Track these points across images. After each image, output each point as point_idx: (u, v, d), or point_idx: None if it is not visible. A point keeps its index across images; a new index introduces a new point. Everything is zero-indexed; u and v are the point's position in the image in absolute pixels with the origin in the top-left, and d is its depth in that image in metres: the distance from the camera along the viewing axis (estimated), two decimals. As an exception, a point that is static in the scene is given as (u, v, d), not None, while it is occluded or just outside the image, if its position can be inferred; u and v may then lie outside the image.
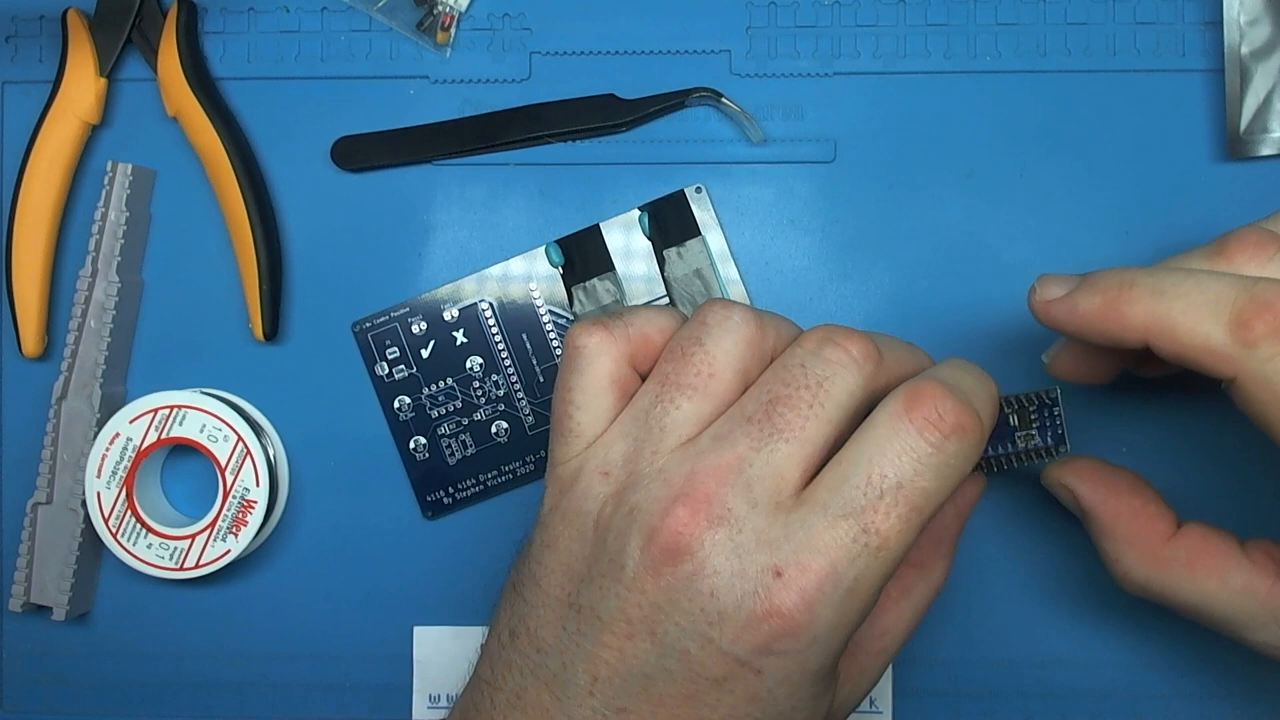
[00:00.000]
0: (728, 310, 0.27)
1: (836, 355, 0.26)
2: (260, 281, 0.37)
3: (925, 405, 0.25)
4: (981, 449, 0.26)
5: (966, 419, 0.25)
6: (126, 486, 0.36)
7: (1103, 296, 0.27)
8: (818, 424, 0.25)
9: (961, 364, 0.28)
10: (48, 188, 0.37)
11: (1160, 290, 0.26)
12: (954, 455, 0.25)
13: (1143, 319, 0.26)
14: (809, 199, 0.37)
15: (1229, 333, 0.25)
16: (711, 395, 0.26)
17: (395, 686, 0.38)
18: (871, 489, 0.25)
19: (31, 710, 0.39)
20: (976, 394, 0.26)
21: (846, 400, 0.26)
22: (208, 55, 0.38)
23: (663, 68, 0.37)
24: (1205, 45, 0.37)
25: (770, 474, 0.25)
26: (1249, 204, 0.37)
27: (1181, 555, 0.29)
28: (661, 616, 0.25)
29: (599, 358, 0.28)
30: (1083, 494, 0.30)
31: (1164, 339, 0.26)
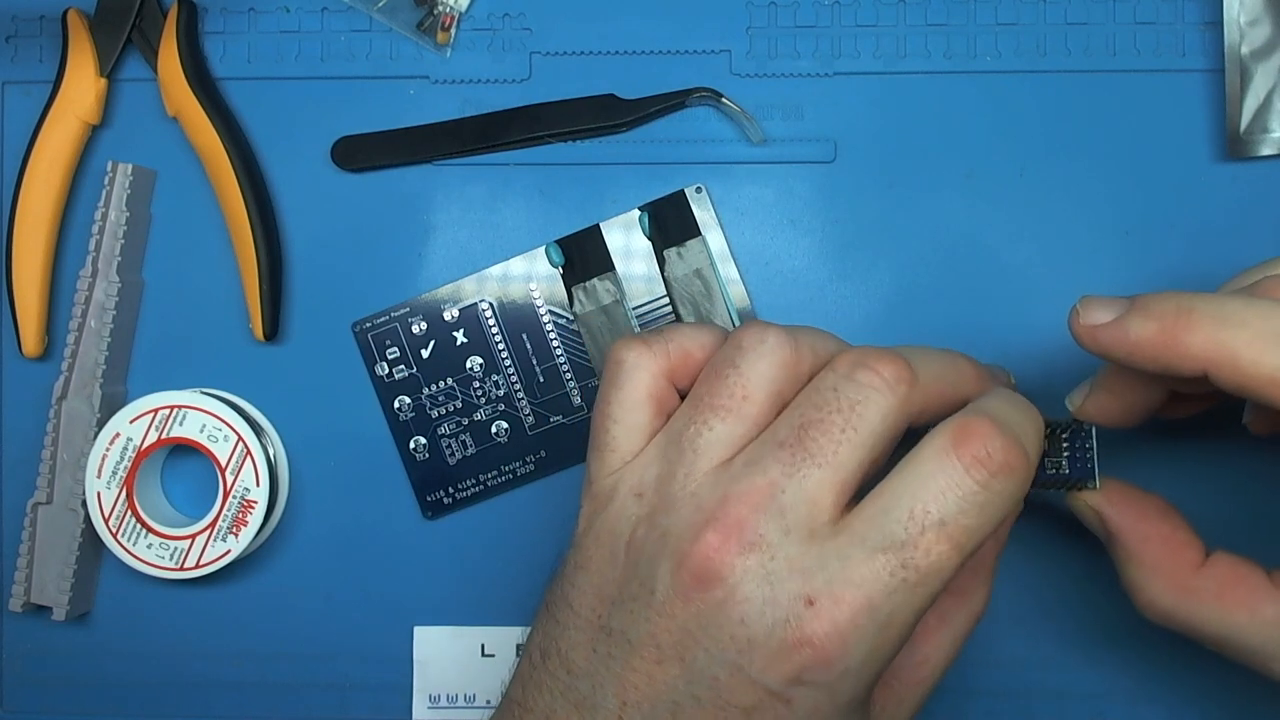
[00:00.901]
0: (763, 332, 0.27)
1: (868, 378, 0.26)
2: (260, 281, 0.37)
3: (975, 443, 0.24)
4: (1028, 485, 0.25)
5: (1015, 458, 0.25)
6: (126, 486, 0.36)
7: (1159, 323, 0.25)
8: (851, 448, 0.25)
9: (1009, 396, 0.27)
10: (48, 188, 0.37)
11: (1223, 318, 0.24)
12: (1000, 494, 0.24)
13: (1203, 348, 0.24)
14: (809, 199, 0.37)
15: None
16: (745, 418, 0.26)
17: (395, 686, 0.38)
18: (914, 524, 0.24)
19: (31, 710, 0.39)
20: (1024, 429, 0.26)
21: (880, 424, 0.25)
22: (208, 55, 0.38)
23: (663, 68, 0.37)
24: (1205, 45, 0.37)
25: (803, 500, 0.25)
26: (1249, 204, 0.37)
27: (1211, 586, 0.28)
28: (691, 643, 0.25)
29: (636, 372, 0.28)
30: (1110, 517, 0.29)
31: (1226, 369, 0.24)
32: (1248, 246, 0.37)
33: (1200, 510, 0.30)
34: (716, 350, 0.27)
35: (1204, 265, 0.37)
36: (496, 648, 0.38)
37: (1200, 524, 0.30)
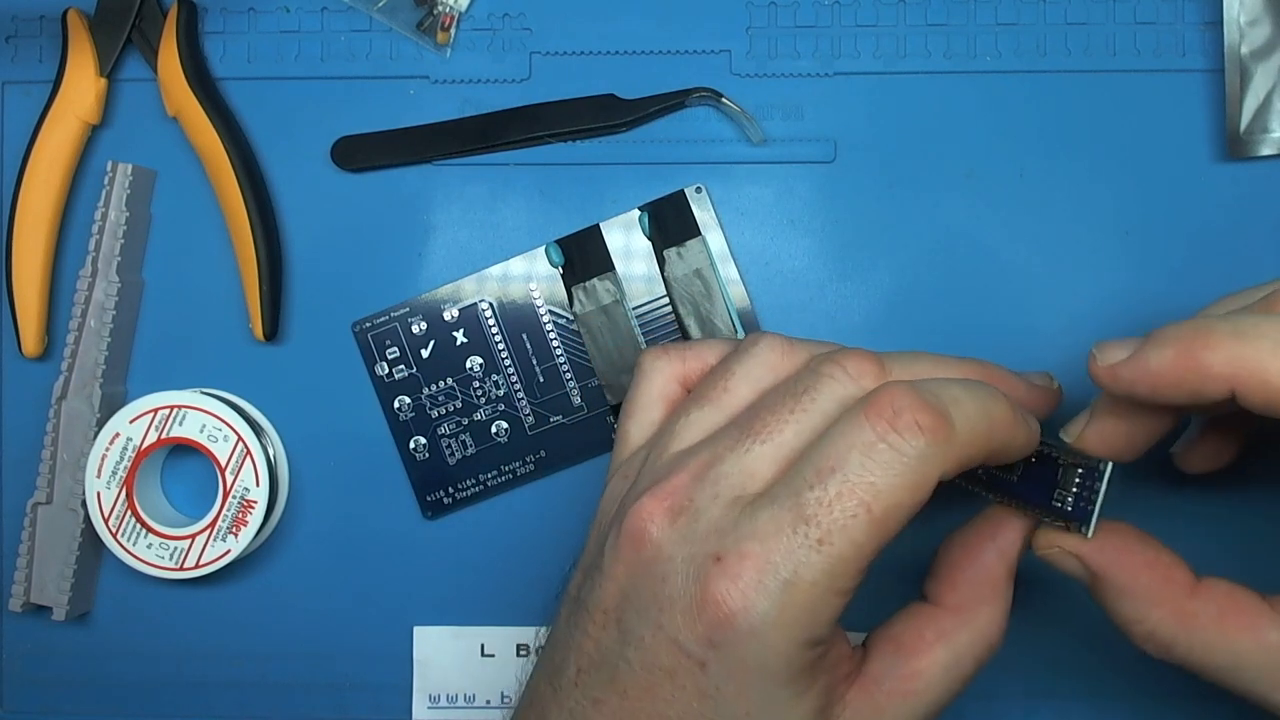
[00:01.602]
0: (758, 337, 0.28)
1: (830, 370, 0.26)
2: (260, 281, 0.37)
3: (882, 402, 0.24)
4: (952, 454, 0.24)
5: (926, 417, 0.24)
6: (126, 486, 0.36)
7: (1175, 348, 0.24)
8: (796, 428, 0.25)
9: (967, 380, 0.26)
10: (48, 188, 0.37)
11: (1241, 333, 0.24)
12: (909, 453, 0.24)
13: (1226, 365, 0.24)
14: (809, 199, 0.37)
15: None
16: (722, 408, 0.27)
17: (395, 686, 0.38)
18: (818, 479, 0.24)
19: (31, 710, 0.39)
20: (958, 401, 0.25)
21: (833, 409, 0.25)
22: (208, 55, 0.38)
23: (663, 68, 0.37)
24: (1205, 45, 0.37)
25: (739, 470, 0.25)
26: (1249, 204, 0.37)
27: (1210, 609, 0.26)
28: (626, 604, 0.25)
29: (653, 374, 0.29)
30: (1089, 555, 0.27)
31: (1253, 385, 0.23)
32: (1248, 246, 0.37)
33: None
34: None
35: (1204, 265, 0.37)
36: (496, 648, 0.38)
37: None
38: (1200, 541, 0.29)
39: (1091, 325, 0.37)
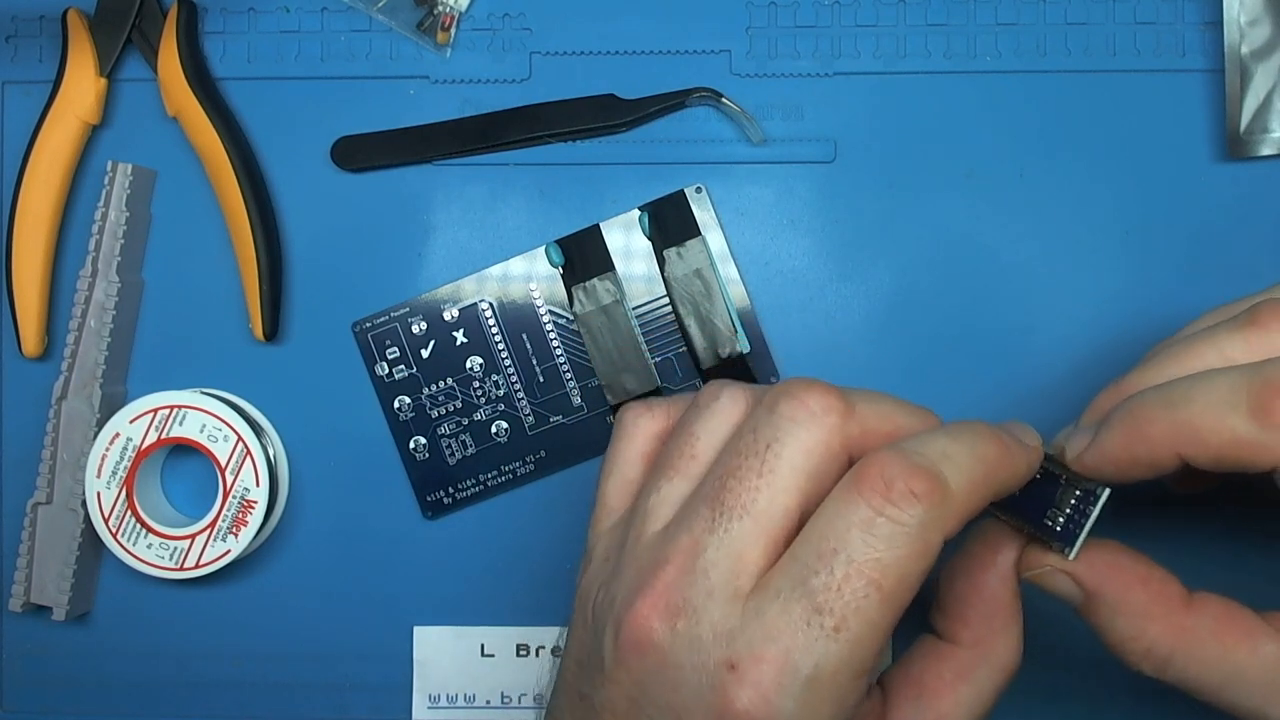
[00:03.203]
0: (716, 391, 0.27)
1: (790, 409, 0.25)
2: (260, 281, 0.37)
3: (872, 473, 0.23)
4: (952, 513, 0.24)
5: (919, 483, 0.23)
6: (126, 486, 0.36)
7: (1120, 428, 0.25)
8: (770, 493, 0.24)
9: (952, 428, 0.25)
10: (48, 188, 0.37)
11: (1171, 401, 0.24)
12: (908, 521, 0.23)
13: (1166, 434, 0.24)
14: (809, 199, 0.37)
15: (1253, 421, 0.23)
16: (691, 477, 0.26)
17: (395, 686, 0.38)
18: (822, 565, 0.23)
19: (31, 710, 0.39)
20: (950, 457, 0.24)
21: (803, 460, 0.24)
22: (208, 55, 0.38)
23: (663, 68, 0.37)
24: (1205, 45, 0.37)
25: (726, 557, 0.24)
26: (1249, 204, 0.37)
27: (1207, 623, 0.26)
28: (637, 710, 0.24)
29: (633, 432, 0.28)
30: (1082, 572, 0.26)
31: (1194, 446, 0.24)
32: (1248, 246, 0.37)
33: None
34: None
35: (1204, 265, 0.37)
36: (496, 648, 0.38)
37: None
38: (1186, 560, 0.29)
39: (1091, 325, 0.37)
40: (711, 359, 0.36)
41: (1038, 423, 0.37)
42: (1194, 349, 0.26)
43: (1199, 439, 0.24)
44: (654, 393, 0.37)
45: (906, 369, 0.37)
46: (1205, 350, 0.26)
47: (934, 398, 0.37)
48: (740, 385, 0.27)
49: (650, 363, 0.37)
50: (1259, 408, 0.23)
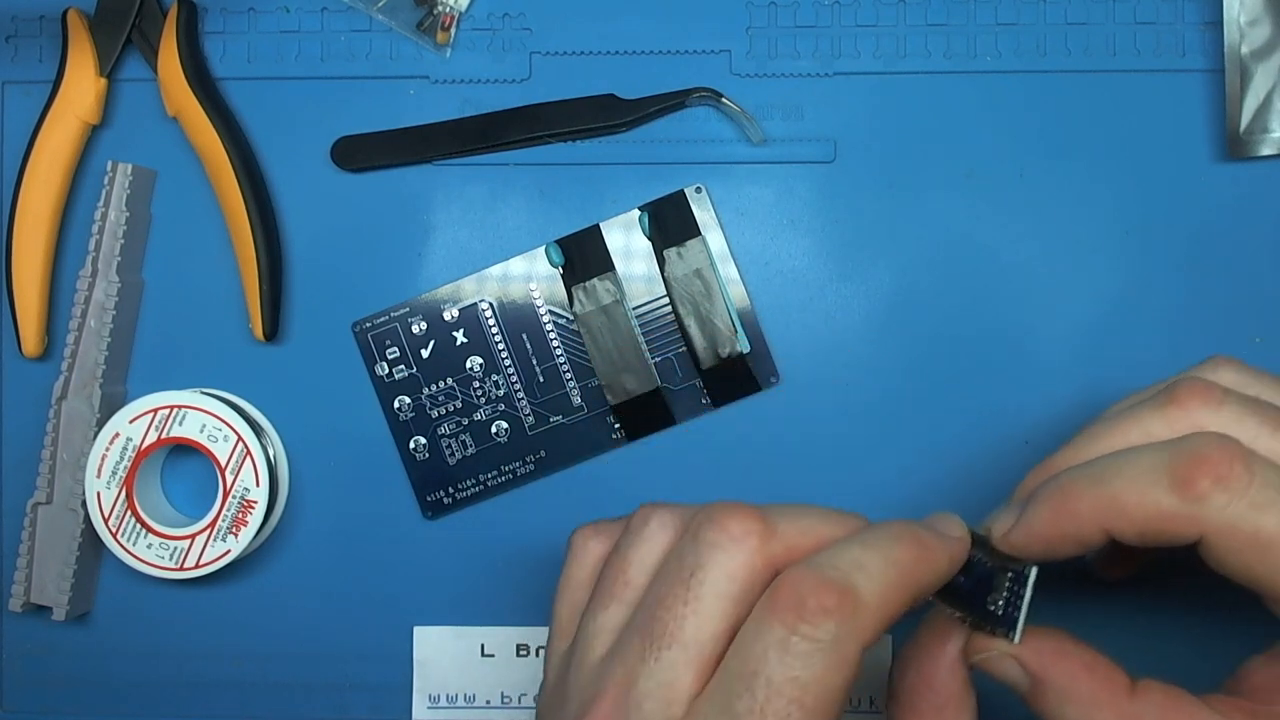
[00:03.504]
0: (648, 514, 0.27)
1: (711, 536, 0.25)
2: (260, 281, 0.37)
3: (785, 592, 0.24)
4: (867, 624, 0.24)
5: (830, 598, 0.23)
6: (126, 486, 0.36)
7: (1047, 505, 0.26)
8: (697, 620, 0.24)
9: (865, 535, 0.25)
10: (48, 188, 0.37)
11: (1096, 478, 0.25)
12: (822, 638, 0.23)
13: (1092, 510, 0.25)
14: (809, 199, 0.37)
15: (1175, 494, 0.24)
16: (627, 603, 0.26)
17: (395, 686, 0.38)
18: (744, 689, 0.23)
19: (31, 710, 0.39)
20: (863, 566, 0.24)
21: (726, 585, 0.25)
22: (208, 55, 0.38)
23: (663, 68, 0.37)
24: (1205, 45, 0.37)
25: (657, 686, 0.24)
26: (1249, 204, 0.37)
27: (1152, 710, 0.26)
28: None
29: (583, 555, 0.28)
30: (1029, 659, 0.27)
31: (1120, 521, 0.25)
32: (1248, 246, 0.37)
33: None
34: None
35: (1204, 265, 0.37)
36: (496, 648, 0.38)
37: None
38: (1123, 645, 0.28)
39: (1091, 325, 0.37)
40: (711, 359, 0.36)
41: (1037, 424, 0.37)
42: (1118, 428, 0.27)
43: (1124, 513, 0.25)
44: (654, 393, 0.37)
45: (906, 369, 0.37)
46: (1129, 429, 0.27)
47: (934, 398, 0.37)
48: (672, 509, 0.27)
49: (650, 363, 0.37)
50: (1181, 480, 0.24)
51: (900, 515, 0.37)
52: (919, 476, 0.37)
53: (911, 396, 0.37)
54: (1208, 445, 0.24)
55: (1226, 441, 0.24)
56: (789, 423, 0.37)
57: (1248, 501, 0.24)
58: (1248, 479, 0.24)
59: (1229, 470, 0.24)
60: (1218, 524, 0.24)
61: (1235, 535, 0.24)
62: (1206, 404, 0.26)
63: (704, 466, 0.37)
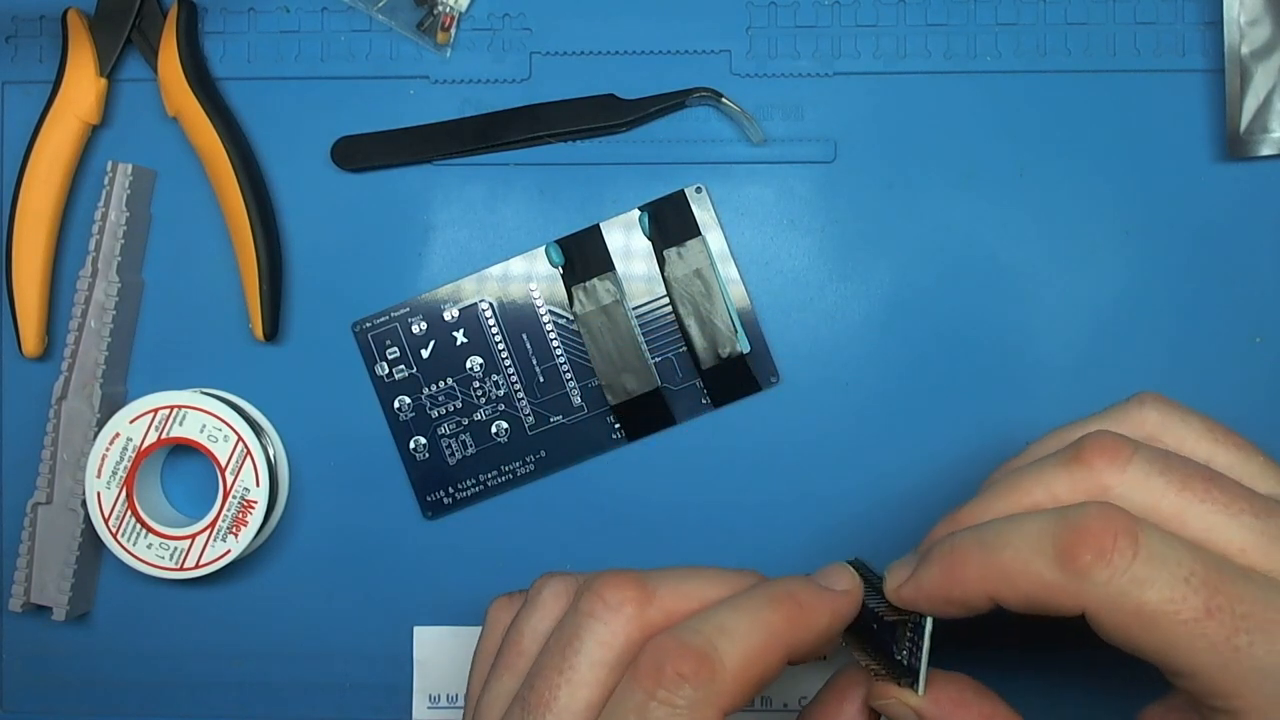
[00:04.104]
0: (543, 584, 0.28)
1: (588, 605, 0.25)
2: (260, 281, 0.37)
3: (645, 658, 0.24)
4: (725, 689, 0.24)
5: (687, 664, 0.24)
6: (126, 486, 0.36)
7: (938, 565, 0.26)
8: (570, 689, 0.25)
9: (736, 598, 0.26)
10: (48, 188, 0.37)
11: (985, 543, 0.25)
12: (679, 703, 0.24)
13: (979, 576, 0.25)
14: (809, 199, 0.37)
15: (1059, 568, 0.23)
16: (519, 673, 0.27)
17: (395, 686, 0.38)
18: None
19: (31, 710, 0.39)
20: (726, 630, 0.25)
21: (600, 654, 0.25)
22: (208, 55, 0.38)
23: (663, 68, 0.37)
24: (1205, 45, 0.37)
25: None
26: (1249, 204, 0.37)
27: None
28: None
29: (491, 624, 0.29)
30: (925, 709, 0.27)
31: (1005, 590, 0.24)
32: (1248, 246, 0.37)
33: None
34: None
35: (1204, 265, 0.37)
36: (496, 648, 0.38)
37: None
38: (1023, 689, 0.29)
39: (1091, 325, 0.37)
40: (711, 359, 0.36)
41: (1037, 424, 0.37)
42: (1023, 485, 0.26)
43: (1009, 582, 0.24)
44: (654, 393, 0.37)
45: (906, 369, 0.37)
46: (1033, 487, 0.26)
47: (934, 398, 0.37)
48: (565, 578, 0.27)
49: (650, 363, 0.37)
50: (1064, 553, 0.23)
51: (899, 514, 0.37)
52: (918, 476, 0.37)
53: (911, 396, 0.37)
54: (1091, 517, 0.23)
55: (1111, 512, 0.23)
56: (789, 423, 0.37)
57: (1129, 577, 0.23)
58: (1131, 553, 0.23)
59: (1112, 544, 0.23)
60: (1099, 599, 0.23)
61: (1117, 611, 0.23)
62: (1112, 463, 0.25)
63: (704, 466, 0.37)
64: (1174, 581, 0.23)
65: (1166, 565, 0.23)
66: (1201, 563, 0.23)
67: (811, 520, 0.37)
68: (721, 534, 0.37)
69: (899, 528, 0.37)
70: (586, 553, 0.38)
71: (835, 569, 0.28)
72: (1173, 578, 0.23)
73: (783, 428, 0.37)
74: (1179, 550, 0.23)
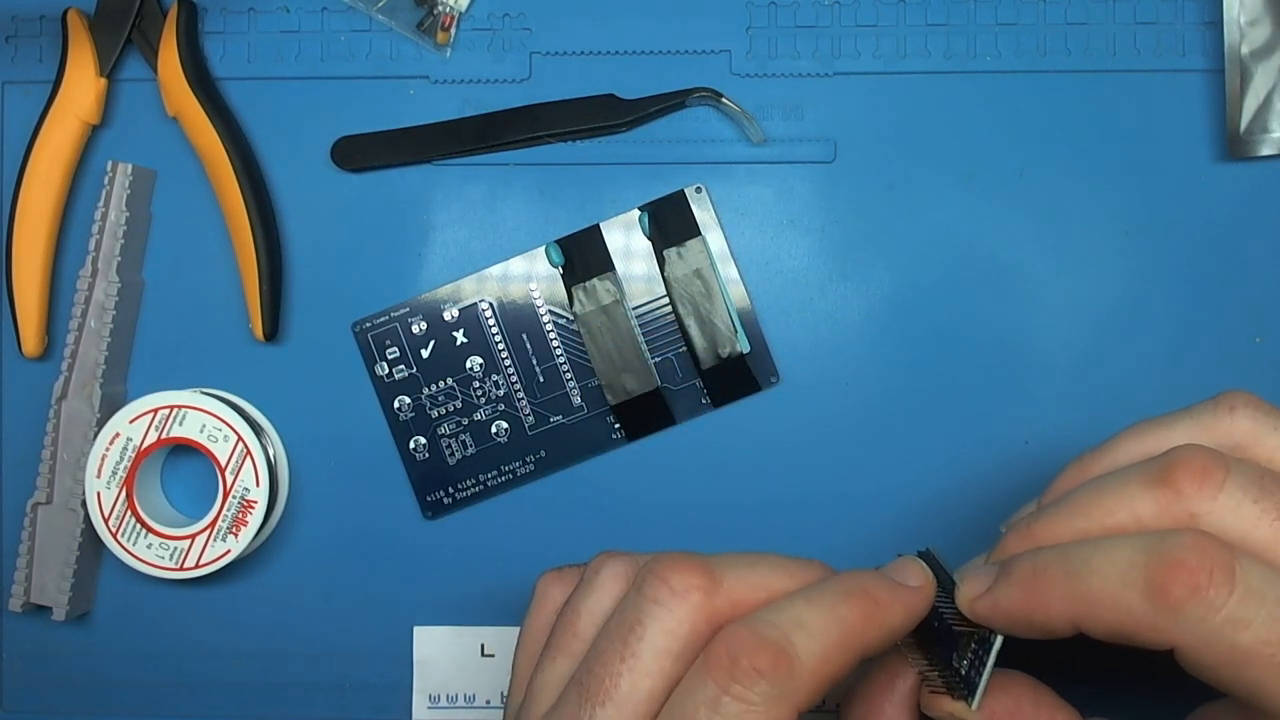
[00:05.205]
0: (600, 564, 0.27)
1: (654, 590, 0.24)
2: (260, 281, 0.37)
3: (719, 650, 0.23)
4: (801, 686, 0.23)
5: (764, 658, 0.23)
6: (126, 486, 0.36)
7: (1020, 587, 0.24)
8: (633, 678, 0.24)
9: (810, 590, 0.25)
10: (48, 188, 0.37)
11: (1072, 571, 0.23)
12: (754, 699, 0.23)
13: (1064, 605, 0.24)
14: (809, 199, 0.37)
15: (1150, 601, 0.22)
16: (574, 655, 0.26)
17: (395, 686, 0.38)
18: None
19: (31, 710, 0.39)
20: (803, 624, 0.24)
21: (665, 642, 0.24)
22: (208, 55, 0.38)
23: (663, 68, 0.37)
24: (1205, 45, 0.37)
25: None
26: (1249, 204, 0.37)
27: None
28: None
29: (540, 601, 0.28)
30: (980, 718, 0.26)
31: (1091, 622, 0.23)
32: (1248, 246, 0.37)
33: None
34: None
35: (1204, 265, 0.37)
36: (496, 648, 0.38)
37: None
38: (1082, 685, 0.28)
39: (1091, 325, 0.37)
40: (711, 359, 0.36)
41: (1037, 424, 0.37)
42: (1105, 503, 0.25)
43: (1094, 613, 0.23)
44: (654, 393, 0.37)
45: (906, 369, 0.37)
46: (1115, 507, 0.24)
47: (934, 398, 0.37)
48: (625, 558, 0.27)
49: (650, 363, 0.37)
50: (1156, 587, 0.22)
51: (899, 514, 0.37)
52: (919, 476, 0.37)
53: (911, 396, 0.37)
54: (1185, 548, 0.22)
55: (1207, 545, 0.22)
56: (789, 423, 0.37)
57: (1224, 616, 0.21)
58: (1227, 591, 0.22)
59: (1208, 580, 0.22)
60: (1190, 637, 0.22)
61: (1209, 651, 0.22)
62: (1203, 488, 0.23)
63: (704, 466, 0.37)
64: (1271, 622, 0.21)
65: (1265, 604, 0.22)
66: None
67: (811, 520, 0.37)
68: (721, 534, 0.37)
69: (899, 527, 0.37)
70: (587, 553, 0.37)
71: (907, 562, 0.26)
72: (1270, 618, 0.21)
73: (783, 428, 0.37)
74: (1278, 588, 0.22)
